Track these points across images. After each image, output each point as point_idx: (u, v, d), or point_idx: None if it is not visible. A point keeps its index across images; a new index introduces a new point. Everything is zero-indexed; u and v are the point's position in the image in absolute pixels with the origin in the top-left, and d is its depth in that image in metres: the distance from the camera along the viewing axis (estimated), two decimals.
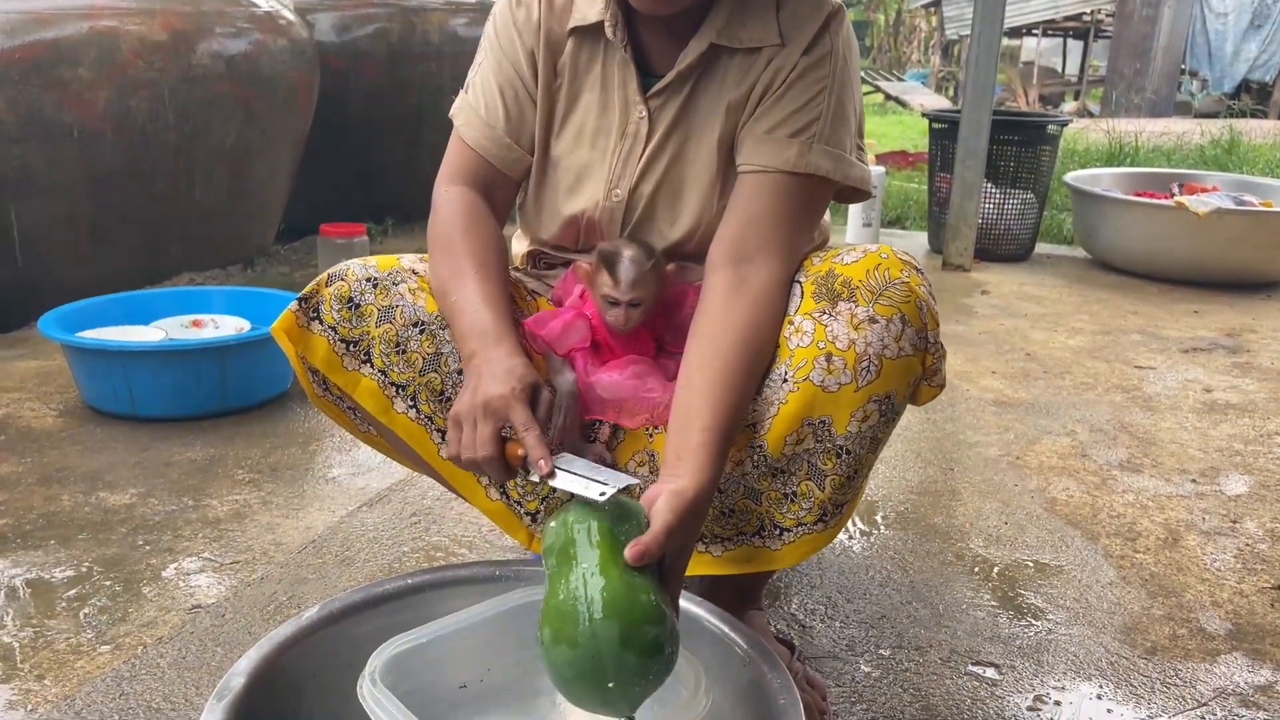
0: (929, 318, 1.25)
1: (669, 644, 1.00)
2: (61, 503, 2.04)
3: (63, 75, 3.03)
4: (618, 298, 1.32)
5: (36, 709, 1.43)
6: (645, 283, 1.32)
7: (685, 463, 1.13)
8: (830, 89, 1.31)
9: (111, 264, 3.31)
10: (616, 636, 0.97)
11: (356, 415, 1.45)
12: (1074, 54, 16.69)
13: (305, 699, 1.21)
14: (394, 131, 4.54)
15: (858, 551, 1.95)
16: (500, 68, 1.39)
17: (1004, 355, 3.19)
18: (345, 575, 1.79)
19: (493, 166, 1.40)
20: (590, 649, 0.97)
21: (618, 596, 0.98)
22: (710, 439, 1.15)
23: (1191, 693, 1.55)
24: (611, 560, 1.00)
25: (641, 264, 1.31)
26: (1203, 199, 4.10)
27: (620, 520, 1.04)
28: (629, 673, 0.98)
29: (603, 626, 0.97)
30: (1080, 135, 7.65)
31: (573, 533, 1.04)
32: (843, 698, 1.51)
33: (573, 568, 1.01)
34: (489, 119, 1.39)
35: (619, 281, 1.31)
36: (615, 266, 1.31)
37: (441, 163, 1.44)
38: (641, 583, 1.00)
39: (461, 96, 1.44)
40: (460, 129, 1.41)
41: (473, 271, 1.31)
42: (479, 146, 1.40)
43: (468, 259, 1.32)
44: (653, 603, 0.99)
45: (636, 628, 0.97)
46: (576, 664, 0.98)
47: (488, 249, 1.35)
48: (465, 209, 1.38)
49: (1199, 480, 2.31)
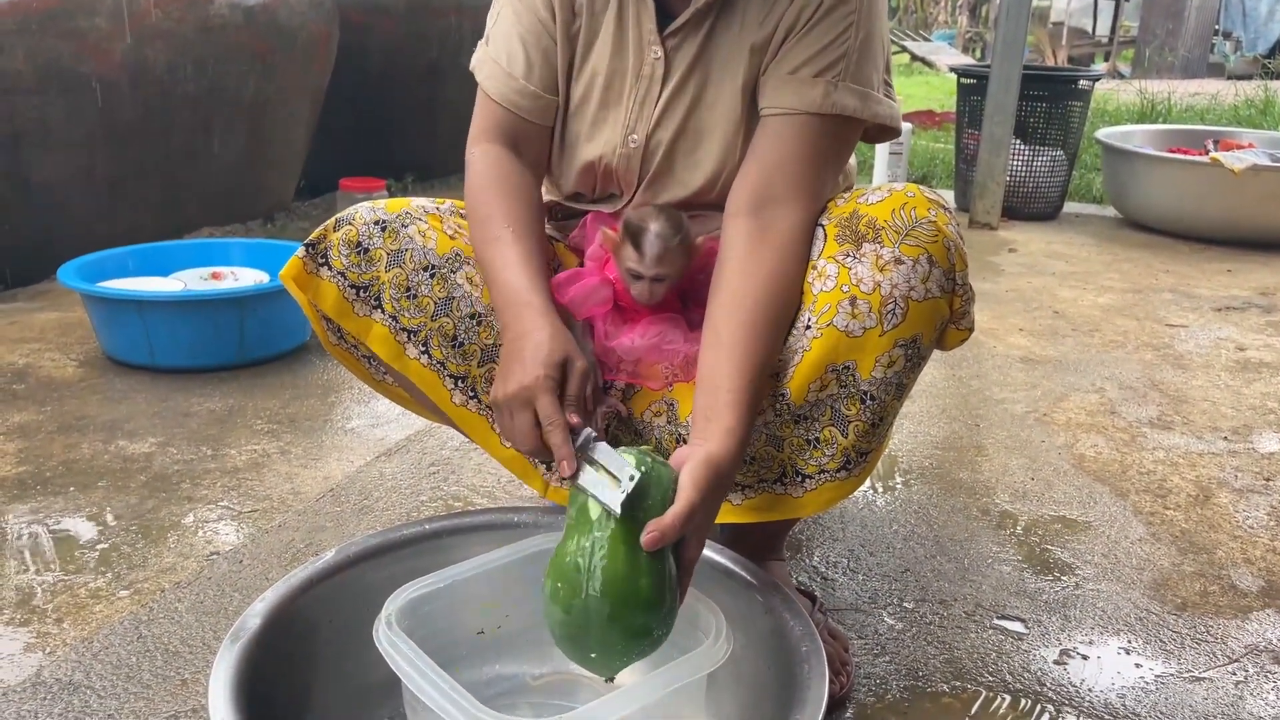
0: (957, 258, 1.21)
1: (658, 629, 1.01)
2: (81, 451, 2.04)
3: (80, 25, 3.00)
4: (642, 273, 1.27)
5: (55, 651, 1.43)
6: (671, 258, 1.27)
7: (714, 424, 1.11)
8: (857, 24, 1.26)
9: (130, 218, 3.29)
10: (606, 615, 0.98)
11: (372, 363, 1.43)
12: (1105, 14, 16.36)
13: (321, 642, 1.20)
14: (413, 86, 4.50)
15: (880, 505, 1.92)
16: (519, 15, 1.35)
17: (1031, 313, 3.14)
18: (363, 523, 1.78)
19: (520, 118, 1.36)
20: (580, 619, 0.99)
21: (618, 577, 0.98)
22: (738, 398, 1.13)
23: (1222, 649, 1.52)
24: (623, 538, 0.99)
25: (668, 239, 1.26)
26: (1238, 155, 4.01)
27: (646, 494, 1.01)
28: (611, 648, 1.00)
29: (595, 603, 0.98)
30: (1111, 95, 7.50)
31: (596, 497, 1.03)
32: (865, 650, 1.48)
33: (586, 533, 1.00)
34: (510, 69, 1.34)
35: (644, 256, 1.26)
36: (641, 241, 1.26)
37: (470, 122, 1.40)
38: (646, 565, 0.99)
39: (481, 48, 1.39)
40: (483, 84, 1.37)
41: (503, 232, 1.27)
42: (504, 99, 1.35)
43: (498, 221, 1.29)
44: (650, 588, 0.99)
45: (628, 611, 0.98)
46: (565, 626, 1.01)
47: (519, 206, 1.31)
48: (494, 168, 1.34)
49: (1231, 438, 2.26)
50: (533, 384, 1.12)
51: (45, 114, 3.00)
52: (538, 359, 1.14)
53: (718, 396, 1.13)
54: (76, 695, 1.34)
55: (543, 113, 1.36)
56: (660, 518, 1.00)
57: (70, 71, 3.01)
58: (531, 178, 1.37)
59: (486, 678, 1.25)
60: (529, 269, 1.25)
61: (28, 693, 1.34)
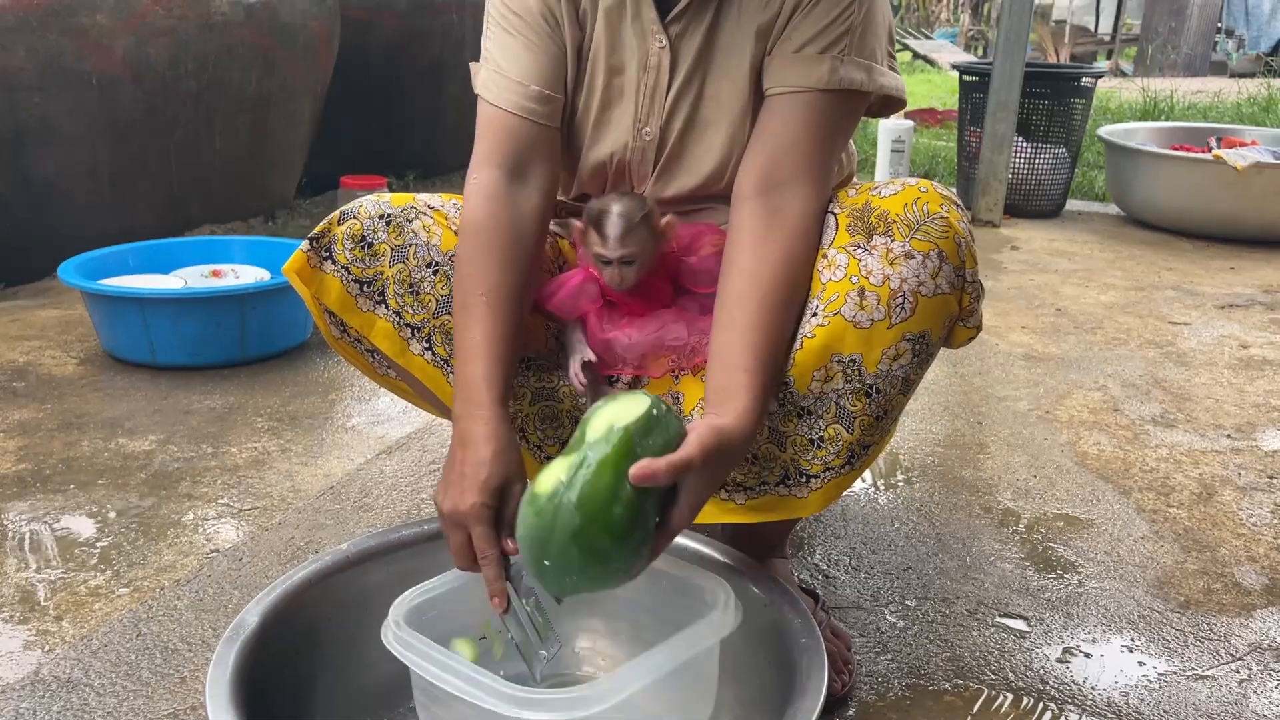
0: (968, 255, 1.21)
1: (617, 562, 1.00)
2: (81, 448, 2.03)
3: (81, 22, 3.00)
4: (608, 256, 1.26)
5: (54, 649, 1.42)
6: (635, 238, 1.25)
7: (729, 403, 1.10)
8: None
9: (132, 216, 3.29)
10: (571, 528, 0.97)
11: (375, 358, 1.42)
12: (1107, 12, 16.33)
13: (320, 640, 1.19)
14: (415, 84, 4.49)
15: (883, 503, 1.91)
16: (515, 27, 1.31)
17: (1034, 310, 3.13)
18: (363, 521, 1.78)
19: (532, 124, 1.30)
20: (546, 524, 0.98)
21: (595, 495, 0.97)
22: (753, 380, 1.12)
23: (1226, 647, 1.51)
24: (614, 462, 0.98)
25: (630, 219, 1.24)
26: (1241, 153, 4.00)
27: (649, 433, 1.01)
28: (567, 564, 0.99)
29: (567, 511, 0.97)
30: (1113, 93, 7.49)
31: (600, 418, 1.02)
32: (867, 648, 1.48)
33: (580, 449, 1.00)
34: (519, 76, 1.30)
35: (607, 239, 1.25)
36: (603, 224, 1.25)
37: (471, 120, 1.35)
38: (626, 496, 0.98)
39: (481, 68, 1.34)
40: (492, 99, 1.31)
41: (477, 303, 1.22)
42: (514, 107, 1.29)
43: (475, 285, 1.23)
44: (622, 518, 0.98)
45: (594, 530, 0.97)
46: (529, 528, 1.00)
47: (502, 265, 1.24)
48: (488, 209, 1.27)
49: (1235, 435, 2.25)
50: (467, 511, 1.11)
51: (46, 111, 3.00)
52: (475, 483, 1.11)
53: (732, 376, 1.12)
54: (75, 693, 1.33)
55: (553, 115, 1.32)
56: (655, 459, 0.99)
57: (71, 68, 3.01)
58: (531, 210, 1.29)
59: None
60: (491, 355, 1.19)
61: (26, 690, 1.34)
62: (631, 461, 0.98)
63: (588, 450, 0.99)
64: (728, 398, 1.11)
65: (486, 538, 1.10)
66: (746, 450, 1.12)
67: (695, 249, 1.33)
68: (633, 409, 1.01)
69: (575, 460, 0.99)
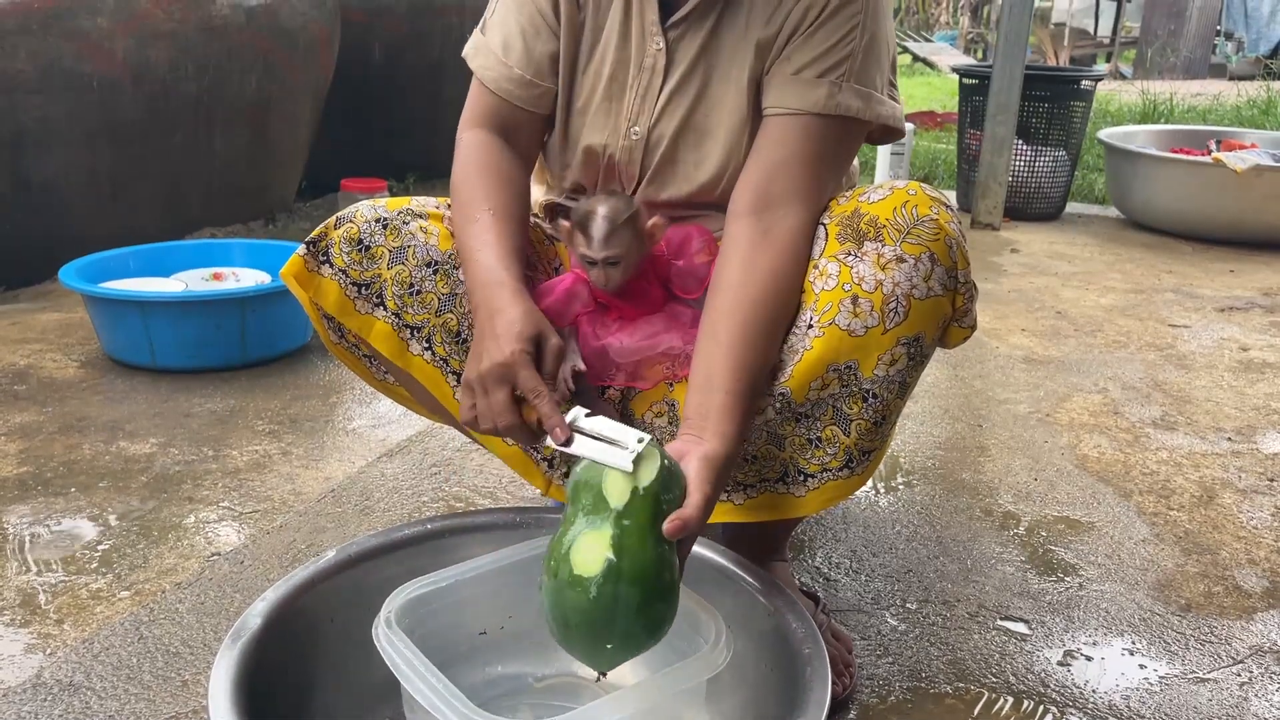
0: (959, 256, 1.21)
1: (668, 623, 1.01)
2: (82, 451, 2.03)
3: (82, 25, 3.00)
4: (593, 256, 1.26)
5: (55, 652, 1.42)
6: (620, 239, 1.25)
7: (710, 425, 1.11)
8: (863, 25, 1.25)
9: (132, 218, 3.29)
10: (636, 605, 0.97)
11: (373, 363, 1.42)
12: (1106, 15, 16.34)
13: (322, 642, 1.19)
14: (416, 86, 4.49)
15: (883, 506, 1.91)
16: (519, 6, 1.34)
17: (1034, 313, 3.13)
18: (364, 524, 1.78)
19: (514, 106, 1.35)
20: (607, 606, 0.96)
21: (646, 567, 0.97)
22: (734, 401, 1.13)
23: (1227, 650, 1.51)
24: (650, 527, 0.98)
25: (614, 219, 1.24)
26: (1241, 155, 4.00)
27: (669, 488, 1.01)
28: (629, 640, 0.99)
29: (627, 590, 0.96)
30: (1113, 96, 7.49)
31: (617, 480, 1.00)
32: (868, 651, 1.48)
33: (610, 519, 0.98)
34: (506, 57, 1.34)
35: (592, 240, 1.25)
36: (588, 224, 1.25)
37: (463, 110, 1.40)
38: (669, 559, 0.99)
39: (476, 35, 1.38)
40: (478, 71, 1.37)
41: (483, 215, 1.27)
42: (498, 88, 1.35)
43: (479, 202, 1.28)
44: (672, 583, 1.00)
45: (654, 604, 0.98)
46: (586, 613, 0.97)
47: (501, 190, 1.31)
48: (481, 152, 1.34)
49: (1235, 438, 2.25)
50: (509, 359, 1.13)
51: (47, 114, 3.00)
52: (511, 334, 1.14)
53: (712, 397, 1.13)
54: (77, 696, 1.33)
55: (537, 101, 1.35)
56: (683, 509, 1.00)
57: (72, 71, 3.01)
58: (520, 164, 1.37)
59: (488, 678, 1.24)
60: (503, 249, 1.24)
61: (28, 694, 1.34)
62: (661, 521, 0.99)
63: (622, 518, 0.98)
64: (709, 419, 1.12)
65: (533, 377, 1.12)
66: (734, 466, 1.14)
67: (685, 252, 1.33)
68: (650, 469, 1.00)
69: (613, 533, 0.97)
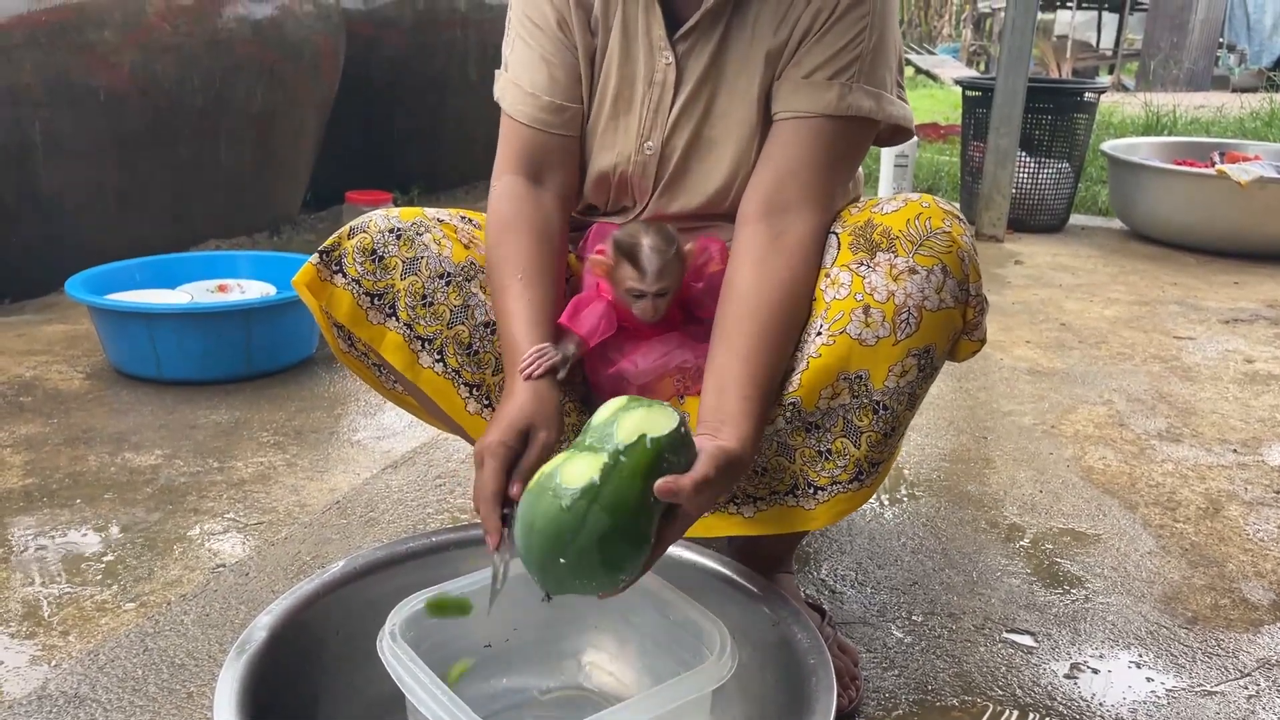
0: (971, 269, 1.21)
1: (627, 571, 1.00)
2: (88, 463, 2.04)
3: (89, 38, 3.02)
4: (644, 290, 1.25)
5: (60, 664, 1.42)
6: (671, 271, 1.25)
7: (725, 427, 1.11)
8: (871, 26, 1.25)
9: (138, 230, 3.30)
10: (599, 531, 0.96)
11: (382, 372, 1.42)
12: (1109, 27, 16.37)
13: (327, 655, 1.19)
14: (420, 99, 4.50)
15: (889, 518, 1.91)
16: (534, 36, 1.33)
17: (1038, 325, 3.13)
18: (369, 536, 1.78)
19: (547, 135, 1.34)
20: (574, 521, 0.96)
21: (626, 502, 0.97)
22: (750, 406, 1.13)
23: (1234, 663, 1.51)
24: (644, 472, 0.98)
25: (664, 252, 1.24)
26: (1245, 168, 4.00)
27: (677, 450, 1.01)
28: (583, 563, 0.98)
29: (598, 514, 0.96)
30: (1115, 108, 7.50)
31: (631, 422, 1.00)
32: (874, 663, 1.47)
33: (609, 450, 0.98)
34: (532, 88, 1.33)
35: (644, 273, 1.24)
36: (638, 257, 1.24)
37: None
38: (649, 507, 0.99)
39: (500, 76, 1.38)
40: (508, 109, 1.35)
41: (513, 282, 1.26)
42: (527, 119, 1.33)
43: (510, 268, 1.28)
44: (643, 528, 0.99)
45: (618, 541, 0.97)
46: (553, 520, 0.97)
47: (531, 249, 1.29)
48: (512, 206, 1.32)
49: (1240, 450, 2.25)
50: (485, 446, 1.13)
51: (54, 126, 3.01)
52: (502, 422, 1.15)
53: (727, 401, 1.13)
54: (82, 708, 1.33)
55: (568, 124, 1.35)
56: (681, 476, 0.99)
57: (79, 84, 3.02)
58: (553, 210, 1.35)
59: (493, 691, 1.24)
60: (530, 321, 1.24)
61: (33, 705, 1.33)
62: (658, 474, 0.98)
63: (620, 453, 0.97)
64: (726, 422, 1.12)
65: (493, 473, 1.11)
66: (745, 473, 1.14)
67: (703, 272, 1.32)
68: (665, 422, 1.00)
69: (606, 461, 0.97)
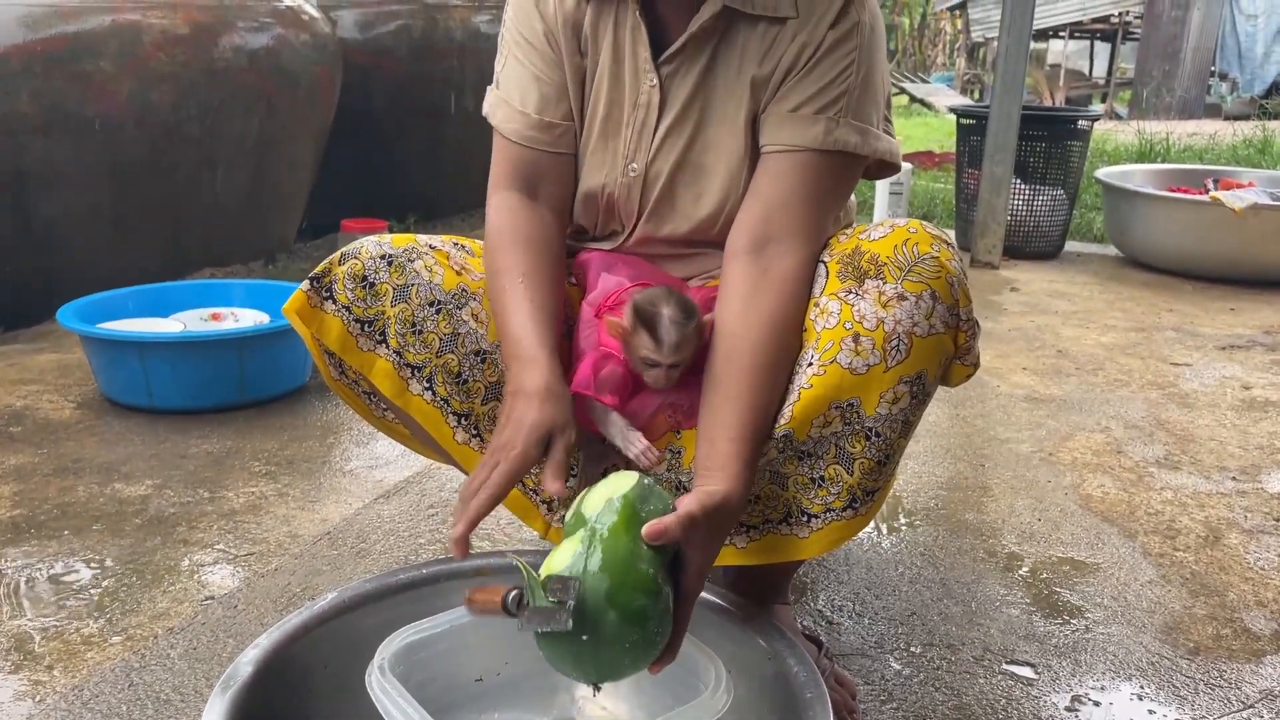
0: (960, 293, 1.20)
1: (655, 622, 0.98)
2: (77, 494, 2.02)
3: (85, 68, 3.02)
4: (659, 360, 1.22)
5: (44, 700, 1.40)
6: (690, 342, 1.23)
7: (716, 474, 1.11)
8: (858, 62, 1.26)
9: (133, 258, 3.30)
10: (604, 592, 0.94)
11: (373, 400, 1.41)
12: (1101, 56, 16.51)
13: (315, 689, 1.17)
14: (416, 128, 4.52)
15: (886, 548, 1.89)
16: (526, 54, 1.34)
17: (1035, 352, 3.12)
18: (360, 567, 1.75)
19: (539, 153, 1.34)
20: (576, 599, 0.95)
21: (617, 557, 0.96)
22: (739, 448, 1.13)
23: (1236, 694, 1.49)
24: (624, 526, 0.98)
25: (684, 326, 1.21)
26: (1239, 194, 4.01)
27: (646, 500, 1.01)
28: (605, 633, 0.95)
29: (593, 578, 0.95)
30: (1109, 135, 7.55)
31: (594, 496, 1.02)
32: (872, 696, 1.45)
33: (585, 526, 0.99)
34: (523, 106, 1.34)
35: (662, 345, 1.21)
36: (656, 329, 1.21)
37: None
38: (647, 555, 0.98)
39: (491, 92, 1.38)
40: (499, 126, 1.36)
41: (515, 285, 1.26)
42: (521, 138, 1.34)
43: (511, 273, 1.28)
44: (649, 575, 0.97)
45: (626, 591, 0.96)
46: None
47: (533, 256, 1.30)
48: (510, 219, 1.33)
49: (1239, 478, 2.23)
50: (509, 452, 1.13)
51: (50, 154, 3.01)
52: (523, 428, 1.14)
53: (718, 447, 1.13)
54: None
55: (559, 141, 1.35)
56: (664, 517, 1.00)
57: (75, 112, 3.02)
58: (550, 222, 1.35)
59: None
60: (536, 321, 1.24)
61: None
62: (639, 525, 0.98)
63: (595, 523, 0.99)
64: (715, 467, 1.12)
65: (506, 475, 1.11)
66: (740, 512, 1.13)
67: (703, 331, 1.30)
68: (625, 482, 1.02)
69: (584, 534, 0.98)
